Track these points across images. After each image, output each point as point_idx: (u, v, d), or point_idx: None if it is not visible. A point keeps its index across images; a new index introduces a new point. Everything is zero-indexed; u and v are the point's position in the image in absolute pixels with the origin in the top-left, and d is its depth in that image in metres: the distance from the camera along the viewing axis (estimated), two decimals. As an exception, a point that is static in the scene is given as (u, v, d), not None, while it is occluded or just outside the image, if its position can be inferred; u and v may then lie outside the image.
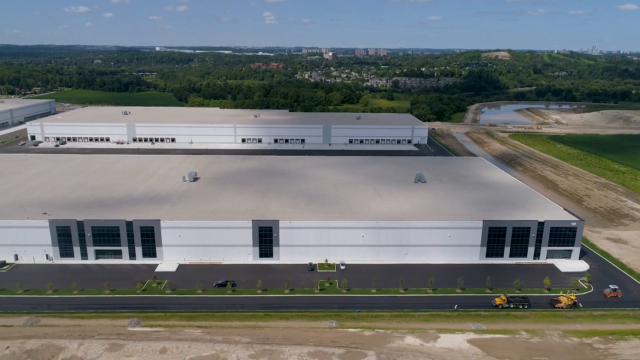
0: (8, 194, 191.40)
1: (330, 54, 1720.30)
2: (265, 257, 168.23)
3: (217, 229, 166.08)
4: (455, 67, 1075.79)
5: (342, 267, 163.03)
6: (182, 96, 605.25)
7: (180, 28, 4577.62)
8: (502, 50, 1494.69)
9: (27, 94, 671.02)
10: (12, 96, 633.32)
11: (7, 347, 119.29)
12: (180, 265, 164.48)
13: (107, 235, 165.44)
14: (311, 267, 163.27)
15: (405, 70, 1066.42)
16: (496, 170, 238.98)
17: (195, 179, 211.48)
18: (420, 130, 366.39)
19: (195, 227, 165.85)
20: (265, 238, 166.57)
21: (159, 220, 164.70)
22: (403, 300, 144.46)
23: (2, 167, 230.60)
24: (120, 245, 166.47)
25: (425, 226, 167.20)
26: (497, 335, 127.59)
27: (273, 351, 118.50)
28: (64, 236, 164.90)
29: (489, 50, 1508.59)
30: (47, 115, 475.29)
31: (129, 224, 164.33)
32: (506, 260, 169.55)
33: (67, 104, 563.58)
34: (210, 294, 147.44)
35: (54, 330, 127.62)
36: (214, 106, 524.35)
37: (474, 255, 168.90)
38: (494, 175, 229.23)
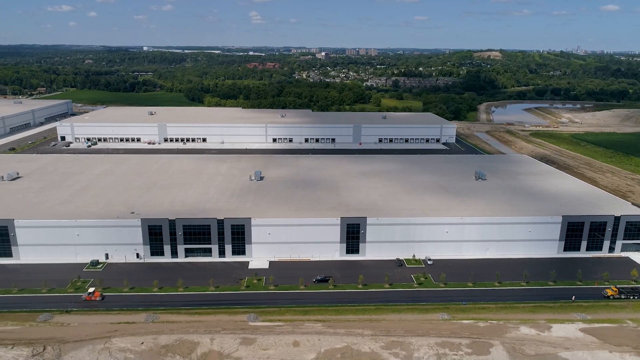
0: (84, 194, 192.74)
1: (323, 54, 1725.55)
2: (351, 253, 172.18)
3: (305, 226, 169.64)
4: (452, 67, 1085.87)
5: (429, 262, 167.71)
6: (194, 96, 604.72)
7: (166, 28, 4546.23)
8: (494, 50, 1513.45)
9: (33, 94, 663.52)
10: (20, 97, 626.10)
11: (142, 343, 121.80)
12: (271, 262, 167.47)
13: (198, 234, 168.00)
14: (400, 263, 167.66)
15: (403, 70, 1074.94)
16: (547, 168, 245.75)
17: (261, 178, 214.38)
18: (448, 129, 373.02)
19: (285, 224, 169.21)
20: (353, 235, 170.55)
21: (250, 218, 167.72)
22: (500, 293, 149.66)
23: (61, 167, 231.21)
24: (210, 243, 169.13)
25: (507, 222, 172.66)
26: (606, 325, 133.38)
27: (402, 342, 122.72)
28: (155, 235, 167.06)
29: (481, 50, 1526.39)
30: (65, 116, 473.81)
31: (220, 222, 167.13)
32: (582, 253, 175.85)
33: (80, 104, 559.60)
34: (312, 289, 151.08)
35: (177, 326, 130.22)
36: (231, 106, 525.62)
37: (552, 249, 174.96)
38: (547, 172, 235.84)
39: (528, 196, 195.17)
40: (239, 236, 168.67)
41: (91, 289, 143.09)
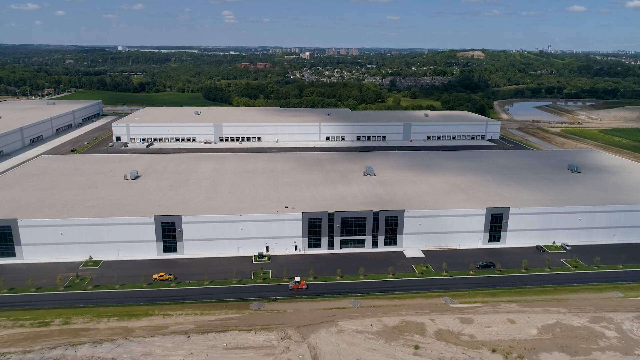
0: (219, 190, 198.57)
1: (308, 53, 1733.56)
2: (493, 241, 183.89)
3: (454, 216, 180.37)
4: (444, 67, 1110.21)
5: (567, 248, 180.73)
6: (214, 96, 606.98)
7: (138, 27, 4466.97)
8: (477, 50, 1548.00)
9: (44, 95, 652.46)
10: (33, 97, 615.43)
11: (371, 325, 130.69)
12: (424, 251, 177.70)
13: (353, 226, 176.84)
14: (542, 249, 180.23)
15: (397, 70, 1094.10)
16: (624, 160, 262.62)
17: (374, 174, 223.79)
18: (493, 127, 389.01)
19: (434, 215, 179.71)
20: (496, 224, 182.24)
21: (403, 210, 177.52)
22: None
23: (169, 167, 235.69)
24: (364, 235, 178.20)
25: (633, 209, 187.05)
26: None
27: (603, 317, 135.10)
28: (314, 227, 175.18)
29: (464, 50, 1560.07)
30: (97, 117, 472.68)
31: (376, 214, 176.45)
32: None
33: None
34: (480, 273, 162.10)
35: (387, 309, 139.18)
36: (260, 105, 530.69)
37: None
38: (628, 163, 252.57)
39: (632, 186, 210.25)
40: (392, 227, 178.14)
41: (297, 278, 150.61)
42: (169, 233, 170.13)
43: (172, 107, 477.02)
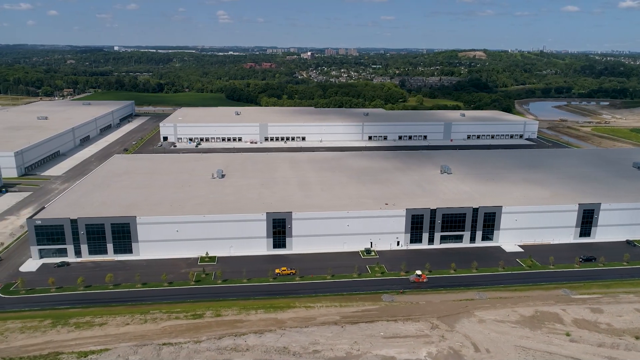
0: (312, 187, 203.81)
1: (309, 53, 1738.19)
2: (583, 236, 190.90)
3: (546, 212, 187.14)
4: (452, 67, 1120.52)
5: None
6: (239, 96, 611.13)
7: (132, 27, 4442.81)
8: (478, 50, 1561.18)
9: (65, 96, 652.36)
10: (56, 98, 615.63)
11: (508, 315, 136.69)
12: (522, 246, 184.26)
13: (453, 222, 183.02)
14: (632, 244, 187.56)
15: (405, 70, 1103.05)
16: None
17: (451, 172, 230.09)
18: (531, 126, 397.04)
19: (530, 211, 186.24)
20: (587, 219, 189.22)
21: (501, 206, 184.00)
22: None
23: (248, 165, 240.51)
24: (463, 230, 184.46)
25: None
26: None
27: None
28: (417, 223, 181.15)
29: (465, 50, 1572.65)
30: (131, 117, 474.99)
31: (475, 211, 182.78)
32: None
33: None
34: (585, 266, 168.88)
35: (513, 300, 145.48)
36: (288, 106, 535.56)
37: None
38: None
39: None
40: (490, 223, 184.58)
41: (419, 272, 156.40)
42: (278, 229, 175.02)
43: (208, 108, 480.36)
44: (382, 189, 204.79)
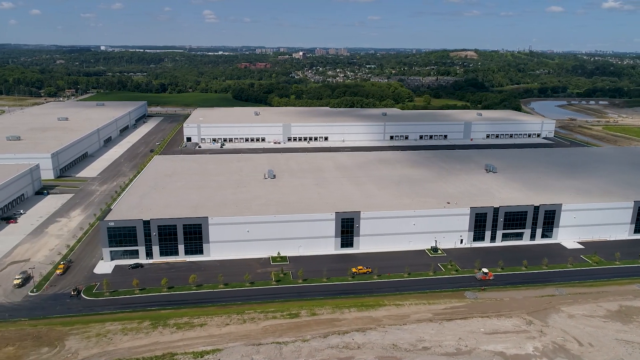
0: (366, 187, 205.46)
1: (301, 53, 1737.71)
2: (638, 232, 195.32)
3: (603, 210, 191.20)
4: (449, 67, 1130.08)
5: None
6: (247, 96, 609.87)
7: (117, 27, 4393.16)
8: (469, 50, 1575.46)
9: (68, 96, 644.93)
10: (61, 99, 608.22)
11: (594, 310, 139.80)
12: (581, 243, 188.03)
13: (514, 219, 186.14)
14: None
15: (401, 70, 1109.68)
16: None
17: (496, 171, 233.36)
18: (548, 125, 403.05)
19: (588, 209, 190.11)
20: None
21: (561, 204, 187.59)
22: None
23: (292, 166, 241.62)
24: (523, 228, 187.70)
25: None
26: None
27: None
28: (480, 222, 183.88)
29: (457, 50, 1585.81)
30: (144, 117, 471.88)
31: (536, 209, 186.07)
32: None
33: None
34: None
35: (595, 296, 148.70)
36: (299, 106, 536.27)
37: None
38: None
39: None
40: (550, 220, 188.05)
41: (485, 270, 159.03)
42: (346, 228, 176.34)
43: (224, 108, 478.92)
44: (435, 188, 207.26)
